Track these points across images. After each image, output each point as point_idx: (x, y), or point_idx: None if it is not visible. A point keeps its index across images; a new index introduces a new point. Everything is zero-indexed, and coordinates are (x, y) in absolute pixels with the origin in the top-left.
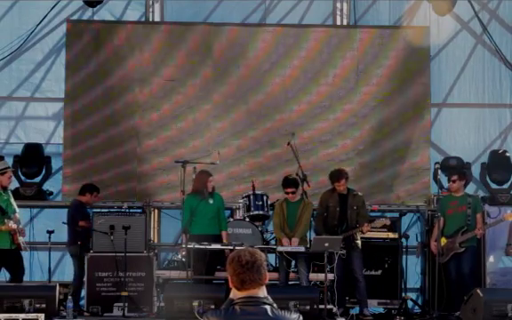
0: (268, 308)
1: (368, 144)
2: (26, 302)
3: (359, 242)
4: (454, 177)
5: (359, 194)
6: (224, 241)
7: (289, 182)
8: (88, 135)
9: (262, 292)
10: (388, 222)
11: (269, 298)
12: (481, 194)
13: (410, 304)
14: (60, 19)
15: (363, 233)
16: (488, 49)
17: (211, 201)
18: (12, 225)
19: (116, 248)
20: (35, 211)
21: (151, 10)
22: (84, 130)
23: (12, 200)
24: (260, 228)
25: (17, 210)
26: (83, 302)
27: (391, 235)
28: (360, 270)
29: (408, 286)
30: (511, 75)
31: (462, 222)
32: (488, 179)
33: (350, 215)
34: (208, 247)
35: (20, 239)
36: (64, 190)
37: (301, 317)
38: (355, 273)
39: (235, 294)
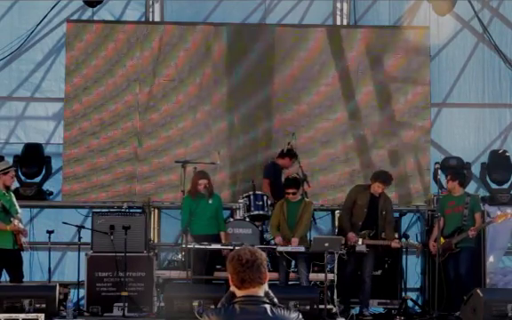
0: (267, 307)
1: (368, 144)
2: (26, 302)
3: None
4: (447, 177)
5: (389, 197)
6: (223, 241)
7: (290, 182)
8: (88, 135)
9: (262, 291)
10: (419, 248)
11: (270, 293)
12: (481, 194)
13: (410, 304)
14: (59, 19)
15: (391, 247)
16: (488, 49)
17: (210, 201)
18: (19, 224)
19: (116, 248)
20: (35, 211)
21: (151, 10)
22: (84, 130)
23: (15, 200)
24: (260, 228)
25: (19, 210)
26: (83, 302)
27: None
28: (369, 271)
29: (408, 286)
30: (511, 75)
31: (458, 222)
32: (488, 179)
33: (380, 222)
34: (208, 247)
35: (23, 240)
36: (64, 190)
37: (301, 316)
38: (363, 273)
39: (236, 293)
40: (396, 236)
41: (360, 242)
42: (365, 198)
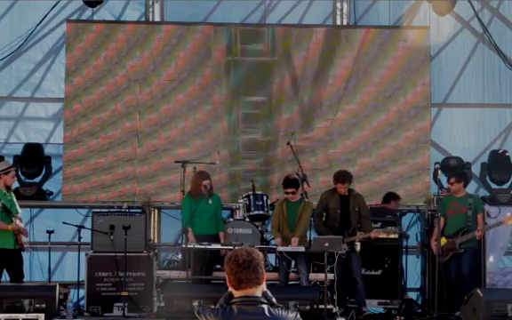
0: (265, 307)
1: (368, 144)
2: (26, 302)
3: (358, 244)
4: (452, 179)
5: (359, 193)
6: (222, 241)
7: (289, 182)
8: (88, 135)
9: (260, 292)
10: (397, 235)
11: (269, 293)
12: (481, 194)
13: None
14: (59, 19)
15: (371, 238)
16: (488, 49)
17: (210, 201)
18: (20, 224)
19: (116, 248)
20: (35, 211)
21: (151, 10)
22: (84, 130)
23: (15, 200)
24: (259, 228)
25: (19, 210)
26: (83, 302)
27: (391, 235)
28: (359, 271)
29: (408, 286)
30: (511, 75)
31: (462, 223)
32: (488, 179)
33: (353, 218)
34: (208, 247)
35: (23, 239)
36: (64, 190)
37: (299, 316)
38: (353, 274)
39: (233, 293)
40: (396, 236)
41: None
42: (336, 201)
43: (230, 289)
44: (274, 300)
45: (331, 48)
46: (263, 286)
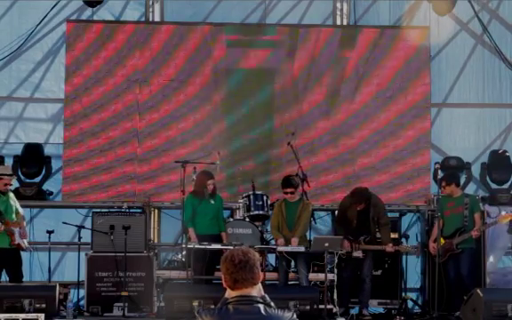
0: (261, 306)
1: (368, 144)
2: (26, 302)
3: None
4: (443, 183)
5: (380, 203)
6: (224, 241)
7: (288, 182)
8: (88, 135)
9: (256, 292)
10: (414, 252)
11: (267, 298)
12: (481, 194)
13: (410, 304)
14: (59, 19)
15: (386, 251)
16: (488, 49)
17: (212, 201)
18: (2, 227)
19: (116, 248)
20: (35, 211)
21: (151, 10)
22: (84, 130)
23: (13, 202)
24: (259, 228)
25: (20, 209)
26: (83, 302)
27: (391, 235)
28: (369, 272)
29: (408, 286)
30: (511, 75)
31: (459, 223)
32: (488, 179)
33: (372, 227)
34: (208, 247)
35: (24, 241)
36: (64, 190)
37: (295, 316)
38: (363, 275)
39: (229, 294)
40: (396, 235)
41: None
42: (354, 211)
43: (228, 292)
44: (272, 304)
45: (331, 48)
46: (259, 286)
